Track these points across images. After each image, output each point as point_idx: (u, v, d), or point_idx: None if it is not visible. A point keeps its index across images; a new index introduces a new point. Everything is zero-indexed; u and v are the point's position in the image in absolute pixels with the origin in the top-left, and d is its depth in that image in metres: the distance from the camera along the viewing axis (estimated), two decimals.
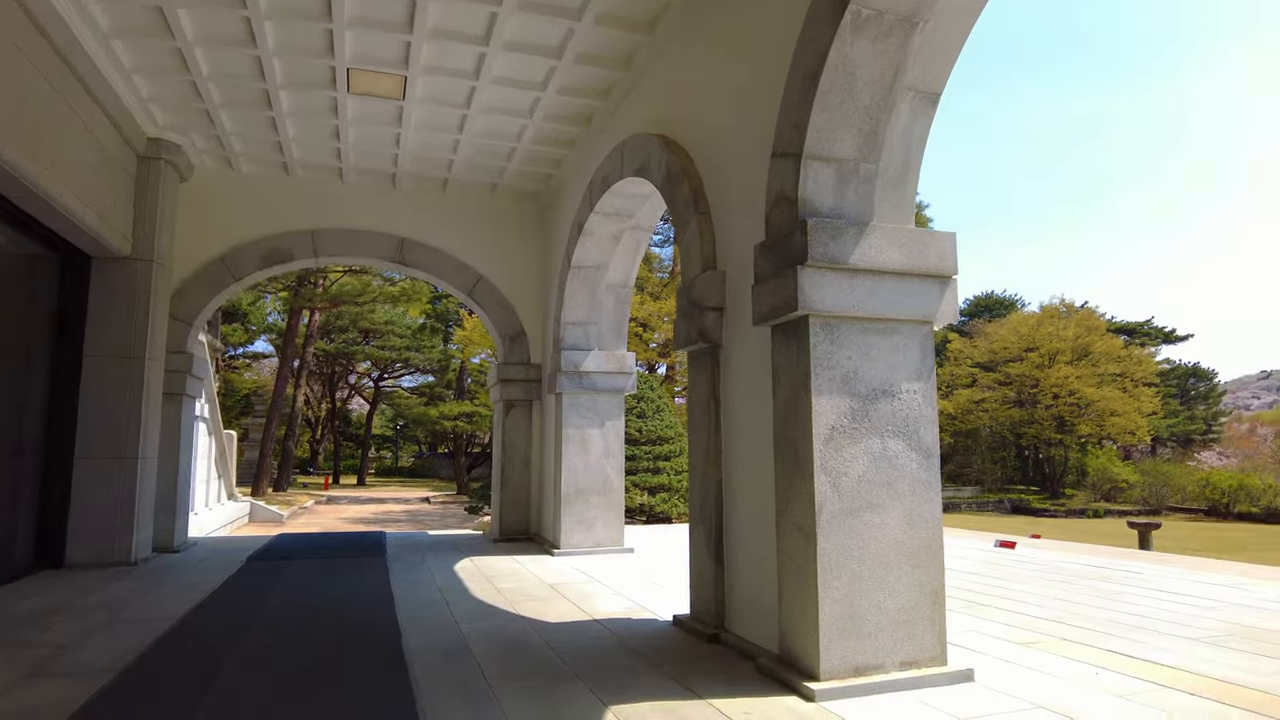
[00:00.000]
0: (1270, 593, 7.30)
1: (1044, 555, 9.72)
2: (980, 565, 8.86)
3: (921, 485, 4.43)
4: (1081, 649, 5.08)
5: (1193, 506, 41.73)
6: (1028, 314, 50.63)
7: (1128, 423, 43.05)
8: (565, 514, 9.77)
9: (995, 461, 49.71)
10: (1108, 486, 44.00)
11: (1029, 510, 40.71)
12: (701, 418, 5.80)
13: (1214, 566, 9.58)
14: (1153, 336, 56.17)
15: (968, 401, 46.30)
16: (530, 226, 12.15)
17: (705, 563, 5.64)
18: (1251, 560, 20.88)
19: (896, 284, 4.48)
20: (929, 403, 4.52)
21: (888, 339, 4.48)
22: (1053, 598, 6.84)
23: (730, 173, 5.67)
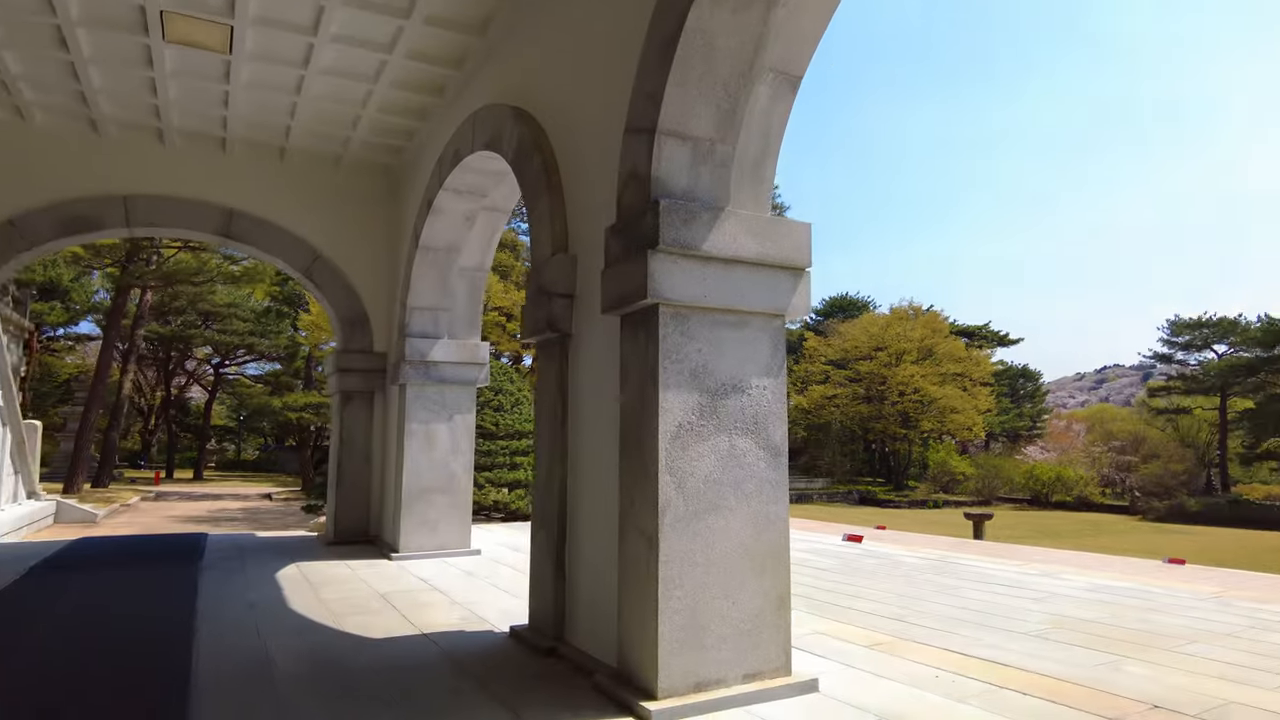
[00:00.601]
0: (1081, 581, 7.72)
1: (887, 550, 9.98)
2: (829, 561, 8.95)
3: (769, 485, 4.22)
4: (923, 650, 5.06)
5: (1019, 496, 45.34)
6: (878, 315, 53.39)
7: (966, 419, 46.22)
8: (406, 515, 9.10)
9: (845, 455, 52.11)
10: (946, 479, 47.10)
11: (875, 501, 42.92)
12: (549, 413, 5.40)
13: (1035, 556, 10.15)
14: (989, 339, 60.59)
15: (821, 397, 48.28)
16: (380, 203, 11.31)
17: (546, 569, 5.24)
18: (1065, 545, 22.73)
19: (750, 274, 4.23)
20: (779, 399, 4.31)
21: (739, 332, 4.22)
22: (896, 594, 6.91)
23: (586, 148, 5.27)
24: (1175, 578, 10.03)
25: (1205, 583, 9.54)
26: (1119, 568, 12.04)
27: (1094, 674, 4.55)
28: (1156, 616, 6.11)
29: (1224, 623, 5.98)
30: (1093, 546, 22.22)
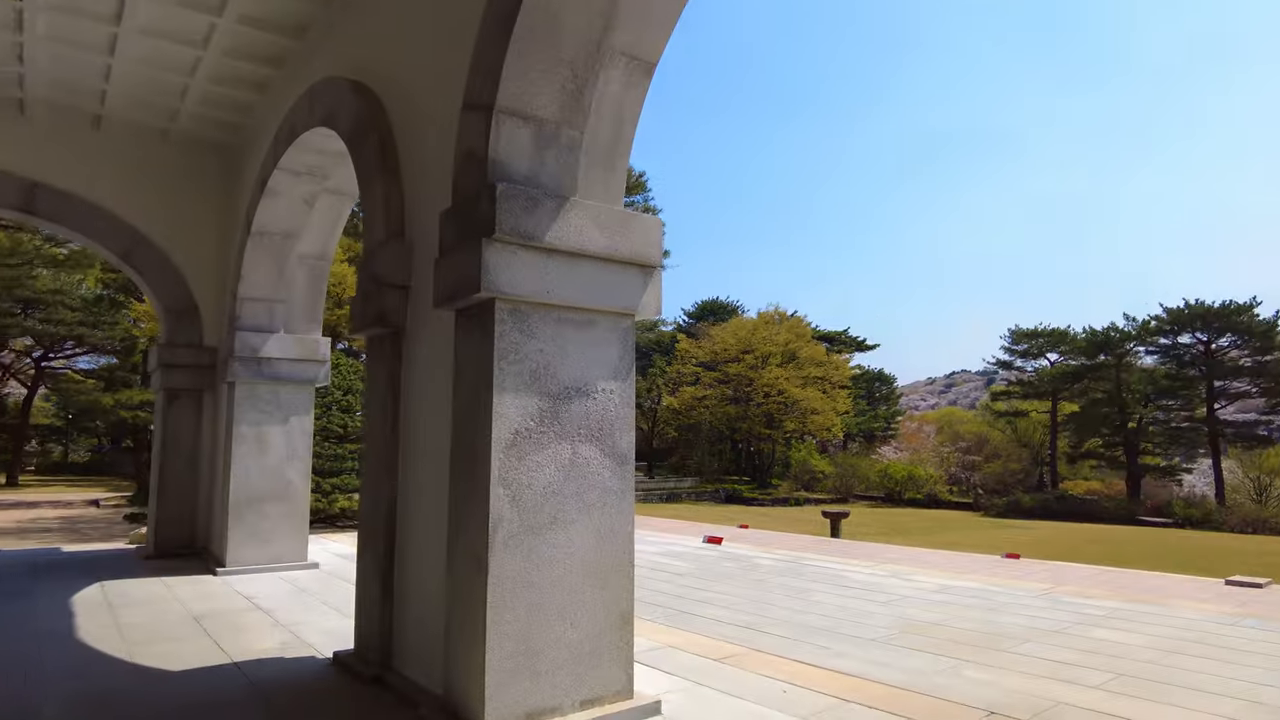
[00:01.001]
0: (926, 581, 7.94)
1: (744, 551, 10.00)
2: (686, 565, 8.83)
3: (614, 496, 3.94)
4: (773, 662, 4.93)
5: (874, 494, 47.58)
6: (747, 319, 54.73)
7: (826, 420, 48.07)
8: (234, 525, 8.27)
9: (714, 454, 53.10)
10: (807, 477, 48.81)
11: (741, 499, 43.91)
12: (378, 417, 4.91)
13: (886, 555, 10.44)
14: (848, 345, 63.39)
15: (691, 398, 48.96)
16: (216, 184, 10.31)
17: (373, 590, 4.76)
18: (915, 542, 23.92)
19: (598, 270, 3.94)
20: (627, 404, 4.04)
21: (586, 331, 3.92)
22: (750, 599, 6.84)
23: (427, 127, 4.83)
24: (1012, 574, 10.56)
25: (1037, 578, 10.09)
26: (963, 564, 12.62)
27: (936, 681, 4.55)
28: (995, 616, 6.30)
29: (1054, 619, 6.23)
30: (940, 542, 23.46)
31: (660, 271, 4.19)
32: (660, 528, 16.30)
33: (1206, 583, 12.85)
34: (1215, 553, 22.97)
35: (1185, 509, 35.52)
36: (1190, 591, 11.52)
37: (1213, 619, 6.56)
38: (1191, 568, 18.55)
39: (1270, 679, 4.70)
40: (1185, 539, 27.90)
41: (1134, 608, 6.86)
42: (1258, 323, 42.01)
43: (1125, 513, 36.76)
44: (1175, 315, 43.92)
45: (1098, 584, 9.12)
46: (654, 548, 10.30)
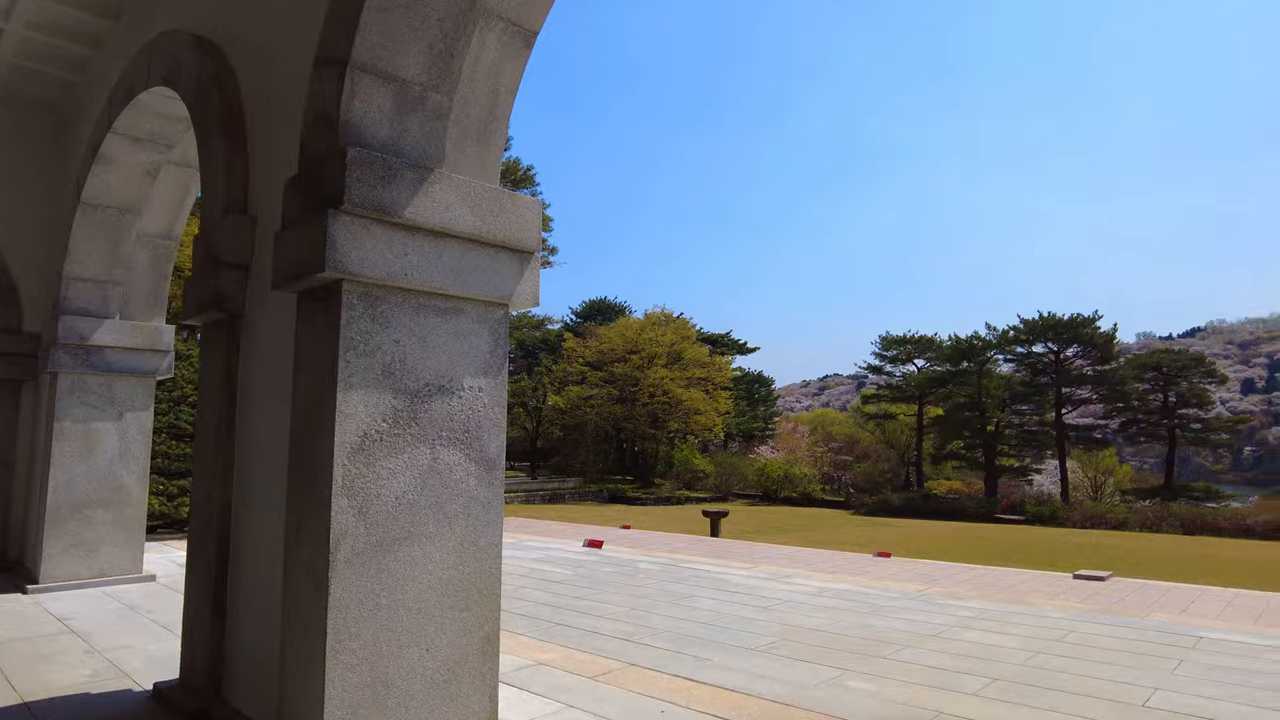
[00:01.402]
0: (804, 584, 7.92)
1: (625, 555, 9.75)
2: (565, 571, 8.49)
3: (480, 506, 3.54)
4: (651, 678, 4.66)
5: (752, 492, 48.68)
6: (634, 319, 54.88)
7: (708, 420, 48.81)
8: (52, 535, 7.29)
9: (599, 454, 52.95)
10: (689, 476, 49.40)
11: (624, 499, 43.91)
12: (212, 413, 4.31)
13: (764, 555, 10.43)
14: (730, 347, 64.69)
15: (577, 397, 48.61)
16: (42, 148, 9.13)
17: (202, 611, 4.17)
18: (791, 540, 24.47)
19: (467, 252, 3.53)
20: (497, 403, 3.66)
21: (451, 321, 3.51)
22: (629, 608, 6.57)
23: (277, 88, 4.26)
24: (885, 573, 10.78)
25: (909, 578, 10.32)
26: (839, 564, 12.85)
27: (820, 694, 4.39)
28: (873, 620, 6.28)
29: (929, 623, 6.27)
30: (815, 540, 24.08)
31: (538, 258, 3.83)
32: (541, 531, 15.87)
33: (1057, 577, 13.65)
34: (1062, 548, 24.62)
35: (1035, 507, 38.08)
36: (1044, 586, 12.16)
37: (1072, 616, 6.79)
38: (1043, 563, 19.75)
39: (1130, 676, 4.83)
40: (1036, 535, 29.84)
41: (1000, 608, 7.03)
42: (1099, 335, 45.67)
43: (984, 511, 39.06)
44: (1030, 326, 47.11)
45: (964, 582, 9.39)
46: (532, 554, 9.89)
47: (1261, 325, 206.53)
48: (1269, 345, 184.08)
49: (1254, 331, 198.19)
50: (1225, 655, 5.36)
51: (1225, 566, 20.59)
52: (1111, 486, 46.01)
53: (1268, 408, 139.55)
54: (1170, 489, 42.82)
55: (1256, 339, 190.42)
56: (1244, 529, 31.06)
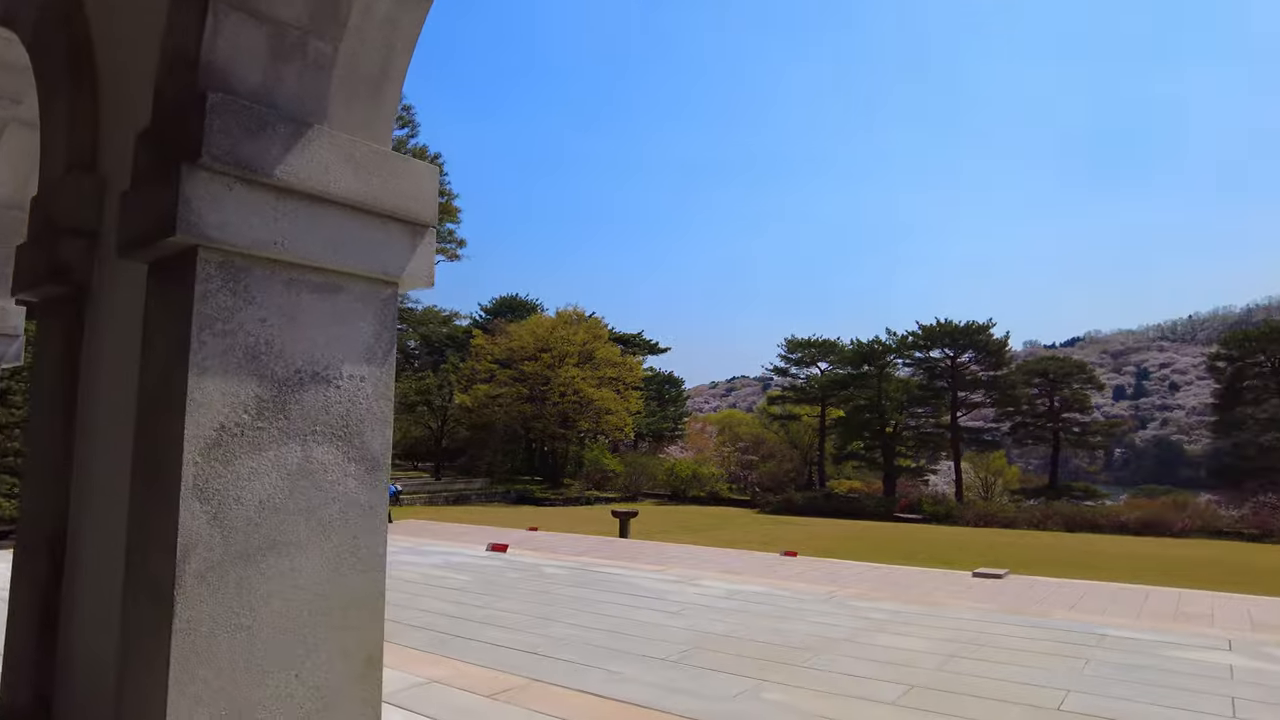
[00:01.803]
0: (714, 586, 7.74)
1: (531, 559, 9.36)
2: (466, 577, 8.03)
3: (361, 511, 3.12)
4: (556, 695, 4.32)
5: (661, 492, 48.82)
6: (545, 317, 54.20)
7: (618, 420, 48.65)
8: None
9: (507, 454, 52.04)
10: (599, 476, 49.13)
11: (533, 500, 43.23)
12: (47, 401, 3.71)
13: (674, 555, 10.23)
14: (642, 347, 64.77)
15: (485, 396, 47.59)
16: None
17: (27, 635, 3.57)
18: (700, 539, 24.49)
19: (349, 221, 3.10)
20: (382, 395, 3.24)
21: (329, 300, 3.07)
22: (535, 615, 6.20)
23: (133, 24, 3.70)
24: (792, 573, 10.74)
25: (818, 578, 10.30)
26: (748, 564, 12.79)
27: (736, 707, 4.15)
28: (785, 625, 6.12)
29: (841, 626, 6.15)
30: (723, 539, 24.18)
31: (433, 233, 3.43)
32: (442, 534, 15.25)
33: (958, 576, 14.02)
34: (958, 546, 25.53)
35: (932, 506, 39.54)
36: (946, 585, 12.42)
37: (979, 617, 6.82)
38: (941, 561, 20.37)
39: (1042, 678, 4.80)
40: (933, 533, 30.90)
41: (910, 610, 7.01)
42: (992, 341, 47.88)
43: (883, 510, 40.28)
44: (929, 332, 48.94)
45: (870, 582, 9.41)
46: (431, 559, 9.37)
47: (1131, 336, 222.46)
48: (1137, 355, 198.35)
49: (1125, 342, 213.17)
50: (1128, 653, 5.43)
51: (1106, 561, 21.75)
52: (1000, 486, 48.32)
53: (1135, 413, 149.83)
54: (1055, 489, 45.27)
55: (1127, 349, 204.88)
56: (1120, 525, 33.06)
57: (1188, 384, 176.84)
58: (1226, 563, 22.23)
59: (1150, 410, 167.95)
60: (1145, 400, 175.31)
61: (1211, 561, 22.28)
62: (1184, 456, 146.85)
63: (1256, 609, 10.39)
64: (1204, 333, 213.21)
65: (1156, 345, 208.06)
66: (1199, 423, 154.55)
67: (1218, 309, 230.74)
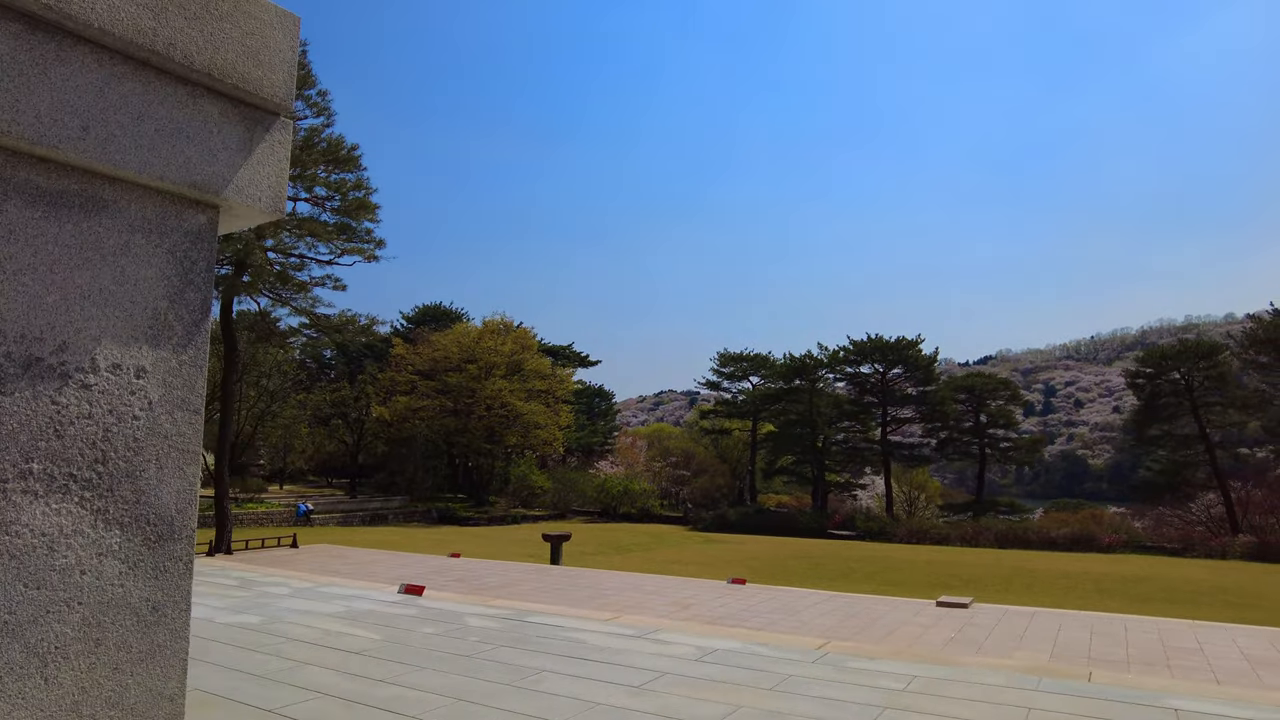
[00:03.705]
0: (680, 644, 6.42)
1: (451, 605, 7.85)
2: (369, 634, 6.51)
3: (131, 622, 1.69)
4: None
5: (591, 509, 47.31)
6: (471, 327, 52.15)
7: (548, 435, 46.95)
8: None
9: (428, 470, 49.68)
10: (526, 493, 47.27)
11: (455, 519, 41.13)
12: None
13: (611, 588, 8.88)
14: (573, 359, 63.21)
15: (405, 408, 45.23)
16: None
17: None
18: (634, 562, 23.16)
19: (124, 83, 1.68)
20: (184, 405, 1.81)
21: (74, 224, 1.64)
22: (455, 699, 4.76)
23: None
24: (750, 607, 9.53)
25: (778, 613, 9.09)
26: (696, 593, 11.51)
27: None
28: (787, 706, 4.85)
29: (856, 704, 4.91)
30: (660, 561, 22.93)
31: (287, 127, 2.02)
32: (351, 565, 13.51)
33: (921, 605, 13.08)
34: (898, 565, 24.90)
35: (866, 522, 39.21)
36: (912, 616, 11.42)
37: (1008, 683, 5.66)
38: (889, 583, 19.57)
39: None
40: (870, 551, 30.34)
41: (921, 673, 5.83)
42: (921, 357, 48.21)
43: (817, 526, 39.74)
44: (859, 347, 48.99)
45: (836, 616, 8.24)
46: (331, 605, 7.78)
47: (1039, 355, 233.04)
48: (1045, 373, 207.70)
49: (1034, 360, 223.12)
50: None
51: (1046, 581, 21.38)
52: (924, 501, 48.61)
53: (1044, 428, 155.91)
54: (981, 503, 45.67)
55: (1036, 366, 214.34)
56: (1049, 542, 33.24)
57: (1091, 401, 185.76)
58: (1158, 579, 22.24)
59: (1058, 426, 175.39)
60: (1053, 416, 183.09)
61: (1142, 578, 22.23)
62: (1089, 470, 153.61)
63: (1244, 639, 9.71)
64: (1104, 352, 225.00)
65: (1063, 364, 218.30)
66: (1101, 438, 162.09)
67: (1117, 330, 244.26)
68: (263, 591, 9.08)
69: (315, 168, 23.04)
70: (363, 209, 23.17)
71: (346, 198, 23.82)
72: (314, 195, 24.06)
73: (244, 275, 22.50)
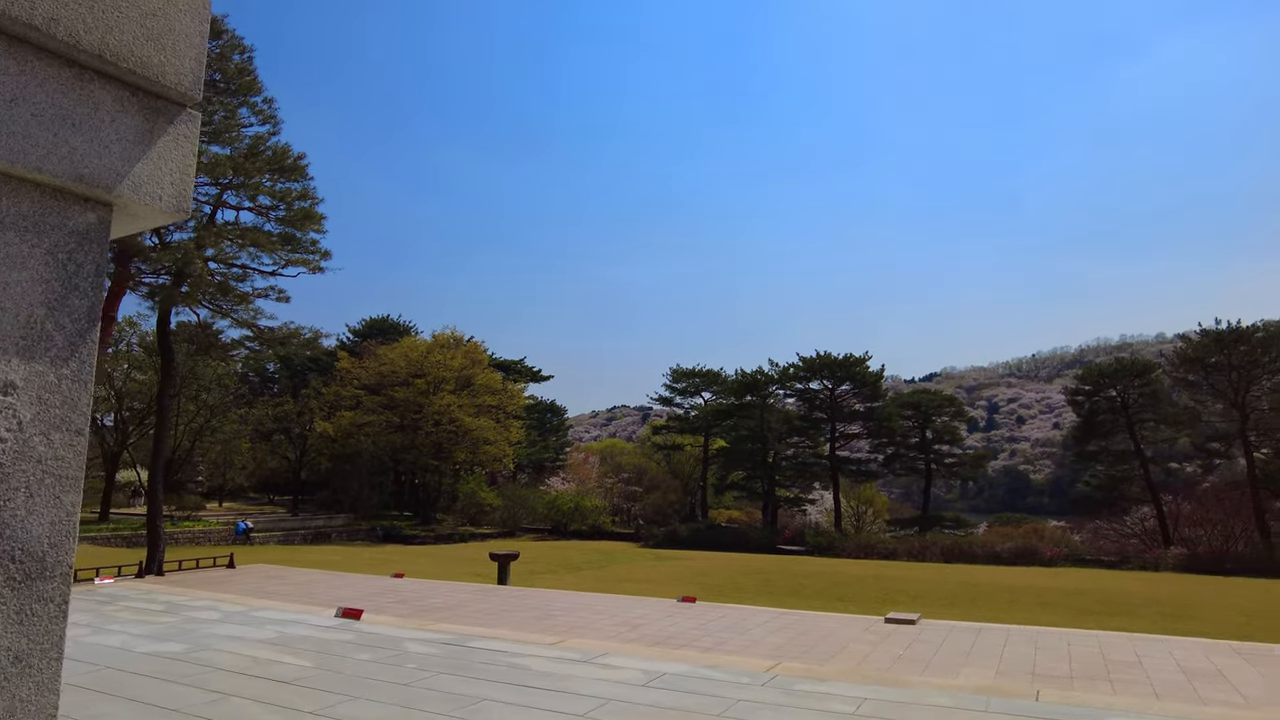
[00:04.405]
0: (626, 668, 6.25)
1: (390, 630, 7.54)
2: (300, 662, 6.20)
3: None
4: None
5: (541, 526, 46.73)
6: (420, 340, 51.31)
7: (498, 450, 46.28)
8: None
9: (373, 487, 48.58)
10: (475, 510, 46.51)
11: (401, 537, 40.22)
12: None
13: (561, 609, 8.67)
14: (524, 374, 62.64)
15: (350, 424, 44.19)
16: None
17: None
18: (585, 580, 22.90)
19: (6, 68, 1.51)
20: (62, 424, 1.62)
21: None
22: None
23: None
24: (709, 634, 9.43)
25: (729, 631, 8.99)
26: (645, 613, 11.35)
27: None
28: None
29: None
30: (611, 579, 22.68)
31: (194, 120, 1.85)
32: (289, 586, 13.01)
33: (869, 621, 13.11)
34: (847, 581, 25.03)
35: (815, 538, 39.48)
36: (862, 633, 11.43)
37: (956, 704, 5.62)
38: (837, 599, 19.63)
39: None
40: (819, 566, 30.48)
41: (877, 695, 5.74)
42: (869, 374, 48.95)
43: (767, 541, 39.87)
44: (809, 363, 49.53)
45: (785, 634, 8.16)
46: (264, 630, 7.42)
47: (983, 373, 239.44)
48: (988, 390, 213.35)
49: (977, 378, 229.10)
50: None
51: (990, 595, 21.69)
52: (871, 515, 49.24)
53: (988, 444, 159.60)
54: (927, 518, 46.41)
55: (979, 384, 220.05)
56: (994, 556, 33.84)
57: (1032, 417, 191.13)
58: (1097, 591, 22.79)
59: (1001, 442, 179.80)
60: (996, 433, 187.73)
61: (1082, 591, 22.73)
62: (1031, 485, 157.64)
63: (1179, 651, 9.91)
64: (1045, 370, 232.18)
65: (1005, 381, 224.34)
66: (1043, 454, 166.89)
67: (1057, 348, 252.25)
68: (190, 617, 8.64)
69: (260, 176, 22.42)
70: (308, 219, 22.60)
71: (292, 207, 23.24)
72: (258, 204, 23.42)
73: (183, 285, 21.74)
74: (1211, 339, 38.31)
